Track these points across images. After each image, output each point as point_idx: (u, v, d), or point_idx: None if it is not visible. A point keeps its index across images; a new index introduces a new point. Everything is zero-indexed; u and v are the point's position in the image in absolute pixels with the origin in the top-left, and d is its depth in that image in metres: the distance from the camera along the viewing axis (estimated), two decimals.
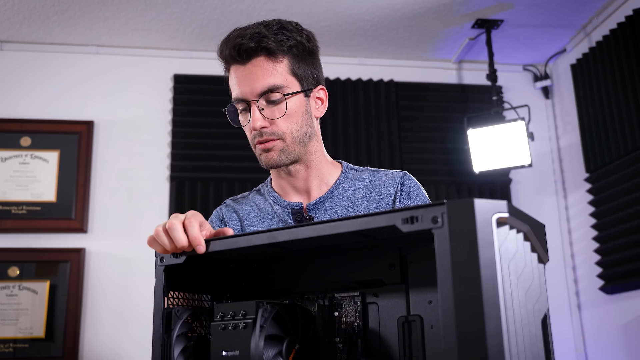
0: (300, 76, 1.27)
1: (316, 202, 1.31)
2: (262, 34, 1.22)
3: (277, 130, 1.24)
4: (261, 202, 1.38)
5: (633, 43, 2.62)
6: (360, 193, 1.32)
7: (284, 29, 1.25)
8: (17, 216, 2.83)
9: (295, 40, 1.25)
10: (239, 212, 1.39)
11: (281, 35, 1.24)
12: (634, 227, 2.59)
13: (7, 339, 2.71)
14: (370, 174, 1.36)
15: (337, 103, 3.15)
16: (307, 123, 1.28)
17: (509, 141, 2.83)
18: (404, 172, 1.34)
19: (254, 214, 1.37)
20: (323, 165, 1.34)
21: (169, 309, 0.91)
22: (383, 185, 1.32)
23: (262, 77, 1.23)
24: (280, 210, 1.34)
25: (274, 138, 1.24)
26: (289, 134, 1.25)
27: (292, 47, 1.25)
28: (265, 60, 1.23)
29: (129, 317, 2.80)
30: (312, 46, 1.29)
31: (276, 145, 1.25)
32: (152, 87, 3.10)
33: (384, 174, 1.35)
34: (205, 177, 2.98)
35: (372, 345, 0.91)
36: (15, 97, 2.99)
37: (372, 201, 1.30)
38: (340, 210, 1.30)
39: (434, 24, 2.97)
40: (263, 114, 1.24)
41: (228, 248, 0.86)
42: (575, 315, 3.07)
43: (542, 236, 0.80)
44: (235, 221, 1.37)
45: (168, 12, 2.80)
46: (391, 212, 0.72)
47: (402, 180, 1.32)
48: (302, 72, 1.27)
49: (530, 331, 0.72)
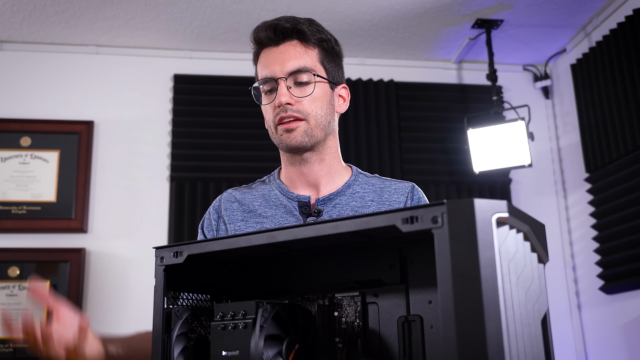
0: (328, 69, 1.32)
1: (325, 198, 1.31)
2: (297, 19, 1.30)
3: (302, 109, 1.27)
4: (266, 192, 1.38)
5: (633, 43, 2.62)
6: (370, 196, 1.33)
7: (316, 25, 1.33)
8: (17, 216, 2.83)
9: (326, 36, 1.32)
10: (240, 201, 1.37)
11: (314, 27, 1.31)
12: (634, 227, 2.59)
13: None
14: (380, 180, 1.38)
15: None
16: (329, 112, 1.32)
17: (509, 141, 2.83)
18: (413, 184, 1.37)
19: (257, 203, 1.36)
20: (335, 164, 1.36)
21: (169, 309, 0.91)
22: (393, 192, 1.34)
23: (295, 57, 1.28)
24: (287, 201, 1.33)
25: (298, 117, 1.26)
26: (313, 116, 1.27)
27: (322, 40, 1.31)
28: (298, 43, 1.29)
29: (129, 317, 2.80)
30: (339, 49, 1.37)
31: (300, 125, 1.27)
32: (152, 87, 3.10)
33: (394, 183, 1.37)
34: (205, 177, 2.98)
35: (372, 345, 0.91)
36: (15, 97, 2.99)
37: (382, 206, 1.31)
38: (349, 209, 1.30)
39: (434, 24, 2.97)
40: (290, 92, 1.27)
41: (228, 248, 0.86)
42: (575, 315, 3.07)
43: (542, 236, 0.80)
44: (235, 212, 1.36)
45: (168, 12, 2.80)
46: (391, 212, 0.72)
47: (412, 190, 1.35)
48: (329, 66, 1.32)
49: (530, 331, 0.72)
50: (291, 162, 1.34)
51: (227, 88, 3.10)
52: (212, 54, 3.18)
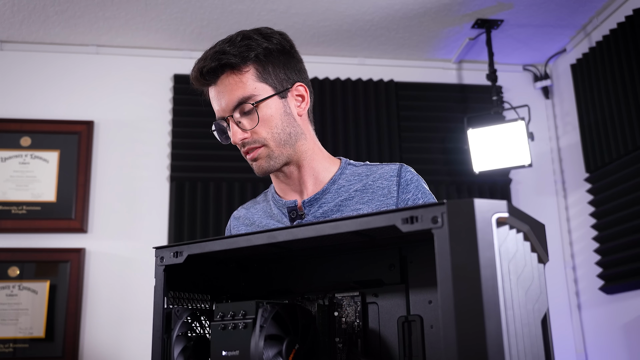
0: (271, 80, 1.27)
1: (311, 199, 1.31)
2: (222, 51, 1.25)
3: (257, 138, 1.26)
4: (265, 205, 1.41)
5: (633, 43, 2.62)
6: (355, 187, 1.31)
7: (248, 39, 1.26)
8: (17, 216, 2.83)
9: (260, 48, 1.26)
10: (245, 219, 1.42)
11: (244, 47, 1.25)
12: (634, 227, 2.59)
13: (7, 339, 2.71)
14: (367, 167, 1.34)
15: (337, 103, 3.15)
16: (288, 124, 1.28)
17: (509, 141, 2.83)
18: (401, 164, 1.32)
19: (257, 216, 1.40)
20: (317, 163, 1.34)
21: (169, 309, 0.91)
22: (378, 178, 1.30)
23: (230, 92, 1.25)
24: (277, 210, 1.36)
25: (257, 146, 1.26)
26: (270, 139, 1.26)
27: (257, 55, 1.25)
28: (229, 75, 1.25)
29: (129, 317, 2.81)
30: (283, 46, 1.29)
31: (261, 152, 1.27)
32: (152, 87, 3.10)
33: (380, 167, 1.33)
34: (205, 177, 2.98)
35: (372, 345, 0.91)
36: (15, 97, 2.99)
37: (365, 193, 1.28)
38: (334, 205, 1.29)
39: (434, 24, 2.97)
40: (241, 126, 1.26)
41: (228, 248, 0.86)
42: (575, 315, 3.07)
43: (542, 236, 0.80)
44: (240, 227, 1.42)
45: (168, 12, 2.80)
46: (391, 212, 0.72)
47: (398, 173, 1.29)
48: (271, 76, 1.27)
49: (530, 331, 0.72)
50: (276, 177, 1.37)
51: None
52: None
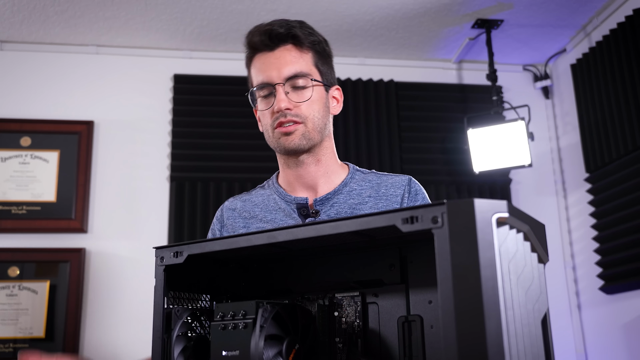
0: (322, 71, 1.34)
1: (323, 198, 1.32)
2: (290, 24, 1.31)
3: (300, 113, 1.29)
4: (265, 197, 1.40)
5: (633, 43, 2.62)
6: (367, 192, 1.34)
7: (307, 26, 1.34)
8: (17, 216, 2.83)
9: (317, 38, 1.34)
10: (241, 209, 1.40)
11: (306, 30, 1.33)
12: (634, 227, 2.59)
13: (7, 339, 2.71)
14: (376, 176, 1.39)
15: None
16: (325, 116, 1.34)
17: (509, 141, 2.83)
18: (410, 177, 1.38)
19: (258, 209, 1.38)
20: (332, 164, 1.38)
21: (169, 309, 0.91)
22: (390, 186, 1.35)
23: (291, 63, 1.30)
24: (285, 205, 1.35)
25: (297, 121, 1.29)
26: (310, 120, 1.30)
27: (315, 43, 1.33)
28: (293, 48, 1.31)
29: (129, 317, 2.80)
30: (330, 50, 1.39)
31: (298, 129, 1.29)
32: (152, 87, 3.10)
33: (390, 177, 1.38)
34: (205, 177, 2.98)
35: (372, 345, 0.91)
36: (15, 97, 2.99)
37: (379, 201, 1.33)
38: (347, 207, 1.32)
39: (434, 24, 2.97)
40: (288, 97, 1.29)
41: (228, 248, 0.86)
42: (575, 315, 3.07)
43: (542, 236, 0.80)
44: (237, 219, 1.39)
45: (168, 12, 2.80)
46: (391, 212, 0.72)
47: (408, 183, 1.36)
48: (324, 69, 1.35)
49: (530, 331, 0.72)
50: (288, 164, 1.36)
51: (227, 88, 3.10)
52: (212, 54, 3.17)
